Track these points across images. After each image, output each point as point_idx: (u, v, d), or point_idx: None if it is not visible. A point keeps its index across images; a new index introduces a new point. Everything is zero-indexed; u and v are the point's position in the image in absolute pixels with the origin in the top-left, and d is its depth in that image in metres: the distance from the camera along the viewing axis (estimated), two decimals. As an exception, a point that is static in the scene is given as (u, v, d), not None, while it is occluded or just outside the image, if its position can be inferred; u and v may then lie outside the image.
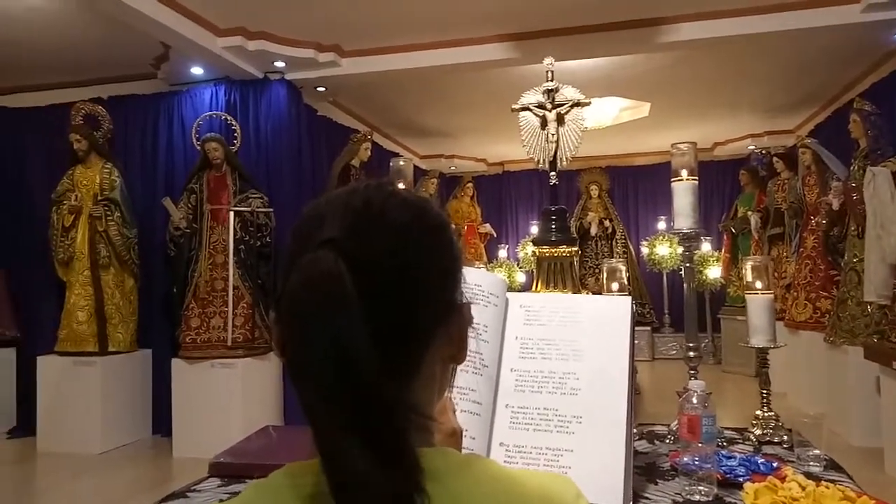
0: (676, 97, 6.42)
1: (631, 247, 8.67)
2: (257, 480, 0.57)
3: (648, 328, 8.15)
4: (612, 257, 8.06)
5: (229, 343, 4.54)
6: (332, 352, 0.47)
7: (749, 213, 6.92)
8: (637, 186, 9.41)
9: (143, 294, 5.10)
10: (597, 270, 7.47)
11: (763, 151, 7.42)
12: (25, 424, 5.03)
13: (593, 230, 8.25)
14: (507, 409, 1.10)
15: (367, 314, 0.49)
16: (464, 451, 0.87)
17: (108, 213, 4.83)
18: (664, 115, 6.95)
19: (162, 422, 4.93)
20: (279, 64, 4.95)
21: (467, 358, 0.63)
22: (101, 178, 4.91)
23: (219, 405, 4.46)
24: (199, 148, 4.81)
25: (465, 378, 1.06)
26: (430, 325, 0.56)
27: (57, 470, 4.35)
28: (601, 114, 6.76)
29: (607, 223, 8.40)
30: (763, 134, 7.97)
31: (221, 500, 1.16)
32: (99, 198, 4.86)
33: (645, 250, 8.40)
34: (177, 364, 4.62)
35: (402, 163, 1.81)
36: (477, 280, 1.13)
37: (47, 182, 5.07)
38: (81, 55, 4.92)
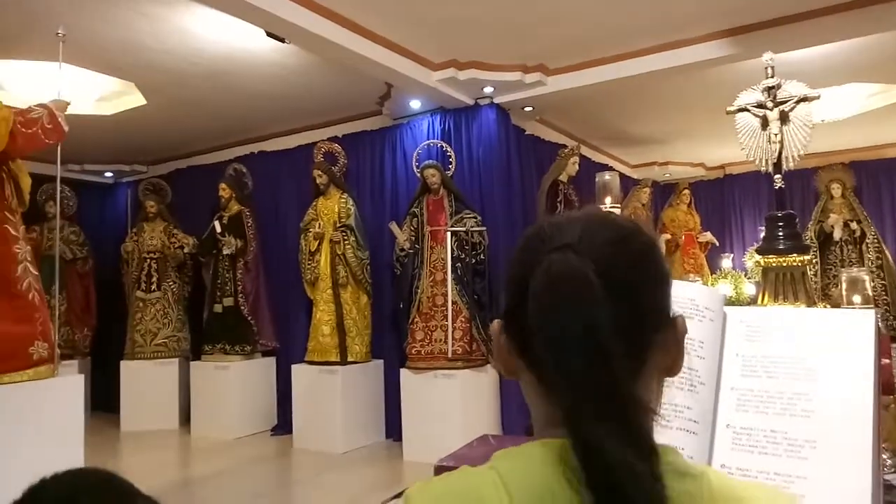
0: (940, 75, 5.46)
1: (887, 252, 7.48)
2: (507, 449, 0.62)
3: (915, 346, 6.95)
4: (863, 264, 7.05)
5: (450, 355, 4.81)
6: (585, 340, 0.52)
7: None
8: (892, 182, 8.14)
9: (374, 309, 5.62)
10: (843, 280, 6.56)
11: None
12: (284, 424, 5.80)
13: (837, 234, 7.28)
14: (728, 429, 1.04)
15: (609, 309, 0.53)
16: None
17: (345, 237, 5.43)
18: (924, 96, 5.94)
19: (393, 427, 5.36)
20: (488, 90, 5.17)
21: (683, 375, 0.64)
22: (339, 207, 5.54)
23: (442, 413, 4.72)
24: (418, 175, 5.21)
25: (680, 395, 1.04)
26: (650, 332, 0.59)
27: (308, 465, 4.96)
28: (840, 104, 5.98)
29: (854, 225, 7.35)
30: None
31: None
32: (337, 225, 5.48)
33: (906, 255, 7.20)
34: (405, 374, 4.99)
35: (607, 177, 1.82)
36: (690, 294, 1.10)
37: (297, 213, 5.87)
38: (321, 101, 5.63)
